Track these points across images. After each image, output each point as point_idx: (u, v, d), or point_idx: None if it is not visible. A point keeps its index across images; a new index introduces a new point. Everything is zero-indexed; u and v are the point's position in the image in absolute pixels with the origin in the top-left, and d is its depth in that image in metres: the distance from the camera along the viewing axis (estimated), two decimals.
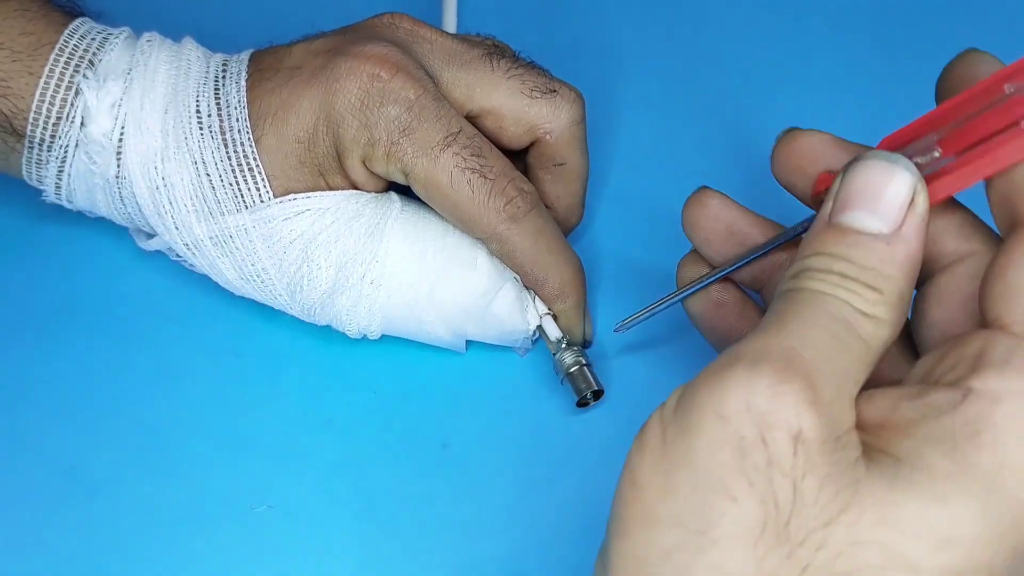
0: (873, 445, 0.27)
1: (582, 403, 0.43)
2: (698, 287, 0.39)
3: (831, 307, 0.28)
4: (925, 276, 0.33)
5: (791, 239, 0.36)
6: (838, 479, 0.26)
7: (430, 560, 0.40)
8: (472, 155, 0.40)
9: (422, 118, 0.40)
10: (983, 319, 0.29)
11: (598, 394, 0.43)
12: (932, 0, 0.55)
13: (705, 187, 0.38)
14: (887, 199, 0.29)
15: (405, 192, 0.43)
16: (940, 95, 0.32)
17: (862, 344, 0.28)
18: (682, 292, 0.39)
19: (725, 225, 0.38)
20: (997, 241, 0.31)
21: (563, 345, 0.43)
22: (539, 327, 0.43)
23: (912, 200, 0.29)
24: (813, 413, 0.26)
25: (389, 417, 0.43)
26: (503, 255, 0.42)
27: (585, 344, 0.45)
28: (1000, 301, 0.28)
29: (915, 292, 0.32)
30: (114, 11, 0.44)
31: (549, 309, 0.43)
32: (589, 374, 0.43)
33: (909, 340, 0.34)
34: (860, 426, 0.28)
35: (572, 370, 0.43)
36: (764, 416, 0.26)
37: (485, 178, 0.40)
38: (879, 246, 0.29)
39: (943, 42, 0.55)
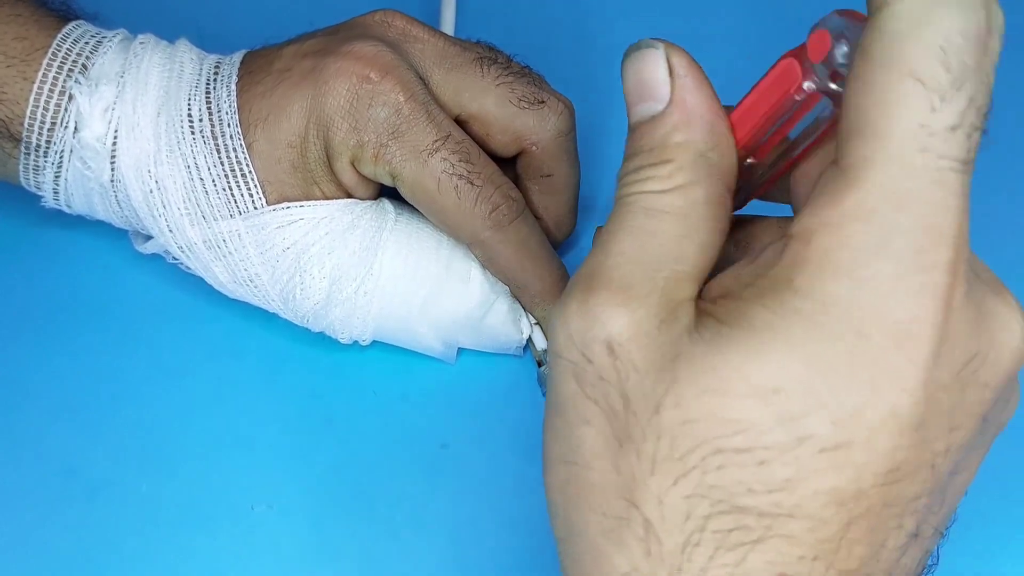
0: (710, 316, 0.27)
1: None
2: None
3: (630, 205, 0.28)
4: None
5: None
6: (659, 364, 0.26)
7: (428, 560, 0.40)
8: (460, 160, 0.40)
9: (411, 121, 0.40)
10: None
11: None
12: None
13: None
14: (648, 82, 0.29)
15: (396, 196, 0.43)
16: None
17: (674, 220, 0.27)
18: None
19: None
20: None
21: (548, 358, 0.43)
22: (529, 339, 0.44)
23: (670, 69, 0.29)
24: (622, 313, 0.26)
25: (388, 418, 0.43)
26: (487, 261, 0.42)
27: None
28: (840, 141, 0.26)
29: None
30: (113, 12, 0.44)
31: (531, 315, 0.43)
32: None
33: None
34: (706, 303, 0.27)
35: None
36: (581, 337, 0.27)
37: (472, 184, 0.40)
38: (657, 122, 0.28)
39: None
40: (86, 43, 0.41)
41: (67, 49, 0.41)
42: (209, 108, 0.41)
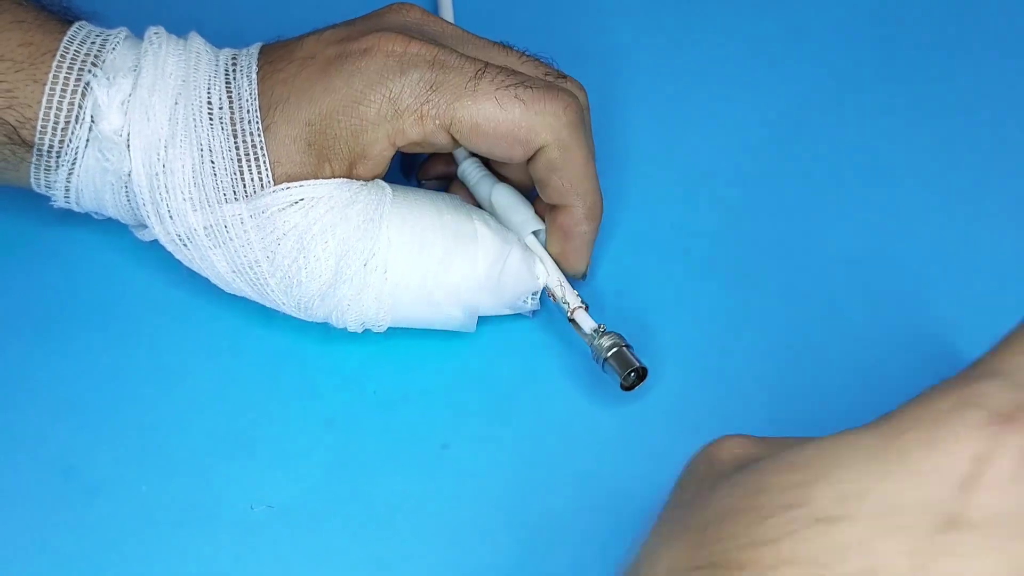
0: None
1: (627, 386, 0.41)
2: None
3: None
4: None
5: None
6: None
7: (429, 561, 0.40)
8: (508, 75, 0.41)
9: (445, 68, 0.41)
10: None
11: (642, 373, 0.41)
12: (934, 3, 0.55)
13: None
14: None
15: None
16: None
17: None
18: None
19: None
20: None
21: (600, 332, 0.42)
22: (572, 320, 0.43)
23: None
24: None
25: (388, 418, 0.43)
26: (554, 166, 0.42)
27: (581, 277, 0.45)
28: None
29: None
30: (112, 11, 0.44)
31: (558, 248, 0.44)
32: (629, 355, 0.41)
33: None
34: None
35: (611, 352, 0.41)
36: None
37: (531, 88, 0.41)
38: None
39: (947, 40, 0.55)
40: (93, 43, 0.41)
41: (75, 50, 0.41)
42: (230, 96, 0.41)
